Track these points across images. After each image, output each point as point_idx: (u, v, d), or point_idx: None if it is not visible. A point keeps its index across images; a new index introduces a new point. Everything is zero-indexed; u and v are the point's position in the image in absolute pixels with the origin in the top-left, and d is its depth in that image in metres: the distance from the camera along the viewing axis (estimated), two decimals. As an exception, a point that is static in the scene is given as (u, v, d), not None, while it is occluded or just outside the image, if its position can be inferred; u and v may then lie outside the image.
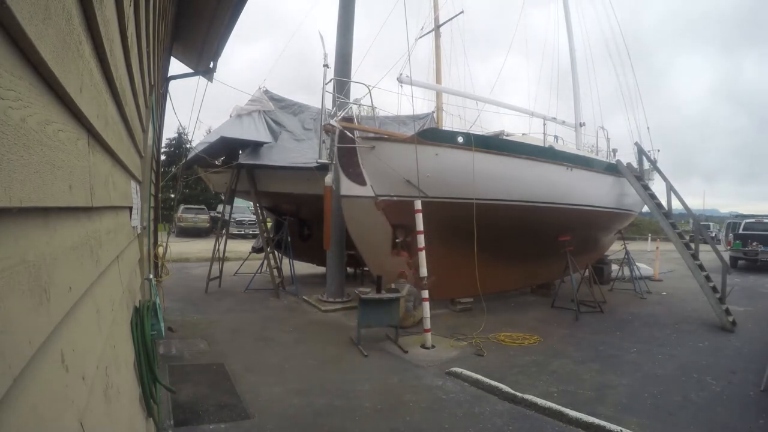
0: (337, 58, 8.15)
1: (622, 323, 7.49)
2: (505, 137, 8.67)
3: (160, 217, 6.33)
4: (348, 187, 7.16)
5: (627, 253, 10.74)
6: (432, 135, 7.52)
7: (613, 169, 9.88)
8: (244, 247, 13.70)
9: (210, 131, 12.85)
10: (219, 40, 4.85)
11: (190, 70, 6.01)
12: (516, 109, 11.31)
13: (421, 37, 12.54)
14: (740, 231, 16.14)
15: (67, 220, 0.93)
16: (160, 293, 4.24)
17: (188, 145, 11.67)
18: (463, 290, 7.58)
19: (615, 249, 12.26)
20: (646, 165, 10.58)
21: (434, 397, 4.35)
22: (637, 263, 10.86)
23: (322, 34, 7.70)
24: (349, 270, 10.36)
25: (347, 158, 7.08)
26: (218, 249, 9.45)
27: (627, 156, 10.79)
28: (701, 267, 7.95)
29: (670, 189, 9.31)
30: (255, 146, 9.26)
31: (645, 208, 10.17)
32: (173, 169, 14.02)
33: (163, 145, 10.32)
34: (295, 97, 11.07)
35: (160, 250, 4.71)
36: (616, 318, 7.82)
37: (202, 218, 21.38)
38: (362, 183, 7.15)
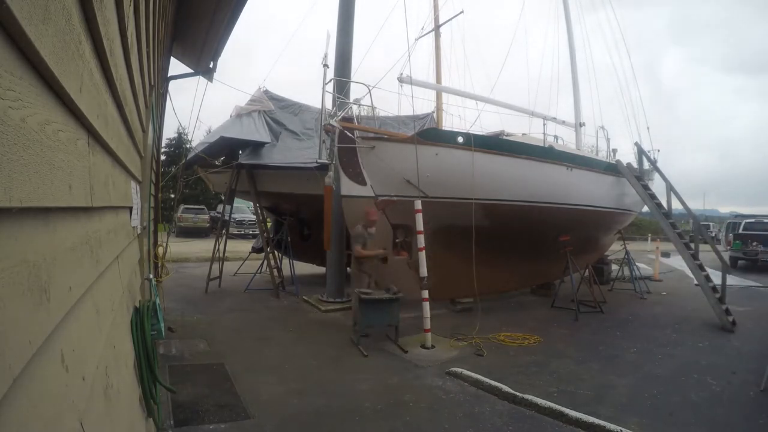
0: (337, 58, 8.13)
1: (622, 323, 7.49)
2: (505, 137, 8.66)
3: (160, 217, 6.33)
4: (348, 187, 7.16)
5: (627, 253, 10.74)
6: (432, 135, 7.51)
7: (613, 169, 9.88)
8: (244, 247, 13.69)
9: (210, 131, 12.86)
10: (219, 40, 4.86)
11: (190, 70, 6.02)
12: (516, 109, 11.30)
13: (421, 37, 12.55)
14: (740, 231, 16.14)
15: (67, 220, 0.93)
16: (160, 293, 4.24)
17: (188, 145, 11.67)
18: (463, 290, 7.58)
19: (615, 249, 12.27)
20: (646, 165, 10.59)
21: (434, 397, 4.35)
22: (636, 263, 10.87)
23: (330, 33, 7.67)
24: (349, 270, 10.34)
25: (347, 158, 7.07)
26: (218, 249, 9.45)
27: (630, 157, 10.79)
28: (701, 267, 7.95)
29: (670, 189, 9.31)
30: (255, 146, 9.25)
31: (645, 208, 10.18)
32: (173, 169, 14.03)
33: (163, 145, 10.33)
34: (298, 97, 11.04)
35: (160, 250, 4.72)
36: (616, 318, 7.82)
37: (202, 218, 21.38)
38: (362, 183, 7.14)
